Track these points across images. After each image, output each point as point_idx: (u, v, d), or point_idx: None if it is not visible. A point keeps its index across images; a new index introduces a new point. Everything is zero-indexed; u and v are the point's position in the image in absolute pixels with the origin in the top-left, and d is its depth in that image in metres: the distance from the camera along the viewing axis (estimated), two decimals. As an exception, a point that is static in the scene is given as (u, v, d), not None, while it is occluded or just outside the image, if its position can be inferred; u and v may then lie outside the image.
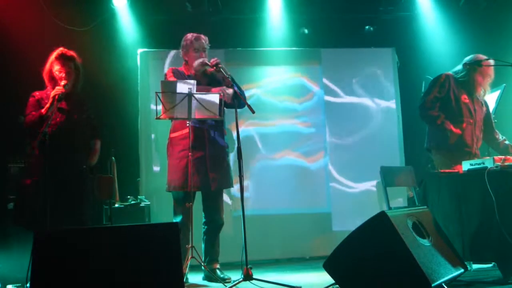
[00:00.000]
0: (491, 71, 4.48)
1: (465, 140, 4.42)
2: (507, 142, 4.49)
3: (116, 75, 5.83)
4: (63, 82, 3.86)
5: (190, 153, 4.06)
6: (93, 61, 5.38)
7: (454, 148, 4.37)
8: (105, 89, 5.58)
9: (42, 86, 4.04)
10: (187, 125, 4.11)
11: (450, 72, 4.54)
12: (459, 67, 4.55)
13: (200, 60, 4.24)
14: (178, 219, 4.19)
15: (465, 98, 4.48)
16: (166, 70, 4.48)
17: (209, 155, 4.19)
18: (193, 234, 4.04)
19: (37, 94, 3.98)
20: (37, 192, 3.79)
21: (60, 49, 4.00)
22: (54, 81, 3.95)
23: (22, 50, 5.12)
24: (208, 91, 4.09)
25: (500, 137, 4.55)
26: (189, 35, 4.37)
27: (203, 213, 4.36)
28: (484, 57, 4.46)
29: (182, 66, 4.43)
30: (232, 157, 4.85)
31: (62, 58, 3.96)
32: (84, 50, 4.84)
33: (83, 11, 5.78)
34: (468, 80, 4.46)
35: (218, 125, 4.29)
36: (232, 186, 4.44)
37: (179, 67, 4.44)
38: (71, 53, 4.01)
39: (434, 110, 4.42)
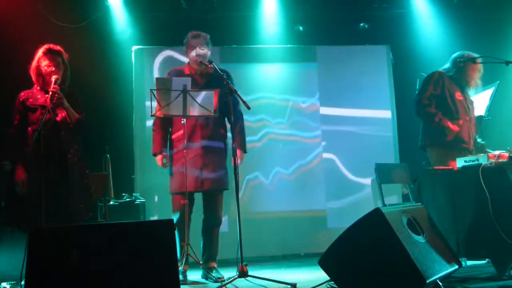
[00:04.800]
0: (481, 66, 4.52)
1: (462, 137, 4.44)
2: (483, 142, 4.55)
3: (111, 72, 5.81)
4: (54, 77, 3.82)
5: (185, 155, 4.08)
6: (87, 58, 5.38)
7: (451, 144, 4.38)
8: (99, 87, 5.56)
9: (33, 84, 4.01)
10: (183, 122, 4.11)
11: (441, 70, 4.57)
12: (448, 65, 4.58)
13: (197, 60, 4.23)
14: (176, 216, 4.20)
15: (459, 95, 4.50)
16: (160, 67, 4.48)
17: (204, 156, 4.19)
18: (190, 231, 4.05)
19: (22, 95, 3.93)
20: (28, 190, 3.79)
21: (47, 45, 3.97)
22: (42, 78, 3.90)
23: (14, 47, 5.09)
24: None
25: (477, 137, 4.60)
26: (190, 33, 4.34)
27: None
28: (473, 54, 4.50)
29: (186, 64, 4.43)
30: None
31: (49, 53, 3.91)
32: (78, 47, 4.84)
33: (77, 8, 5.76)
34: (461, 76, 4.49)
35: (215, 125, 4.28)
36: (227, 188, 4.37)
37: (180, 67, 4.43)
38: (58, 47, 3.97)
39: (431, 107, 4.42)
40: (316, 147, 6.06)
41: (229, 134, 4.21)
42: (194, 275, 4.33)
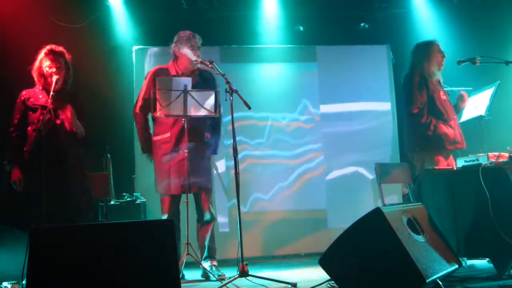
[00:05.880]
0: (436, 49, 4.56)
1: (456, 138, 4.44)
2: None
3: (111, 72, 5.81)
4: (55, 77, 3.84)
5: (172, 157, 4.12)
6: (88, 59, 5.38)
7: (448, 147, 4.39)
8: (100, 87, 5.56)
9: (33, 84, 4.01)
10: (183, 122, 4.12)
11: (416, 71, 4.54)
12: (413, 61, 4.59)
13: (198, 59, 4.26)
14: (164, 218, 4.24)
15: (442, 94, 4.51)
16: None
17: (191, 159, 4.20)
18: (190, 231, 4.06)
19: (24, 93, 3.96)
20: (28, 190, 3.80)
21: (50, 45, 3.98)
22: (44, 78, 3.92)
23: (15, 47, 5.09)
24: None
25: None
26: (186, 32, 4.36)
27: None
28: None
29: (170, 63, 4.43)
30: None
31: (51, 54, 3.93)
32: (78, 48, 4.83)
33: (77, 8, 5.75)
34: (430, 67, 4.49)
35: (201, 128, 4.31)
36: (211, 191, 4.43)
37: (164, 65, 4.44)
38: (60, 48, 4.00)
39: (423, 116, 4.42)
40: (315, 146, 6.06)
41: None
42: (194, 274, 4.34)
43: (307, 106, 6.11)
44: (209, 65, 4.14)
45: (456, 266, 3.19)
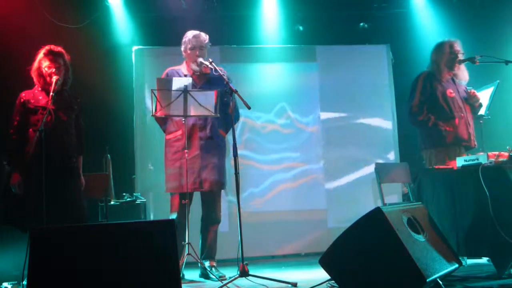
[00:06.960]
0: (447, 49, 4.57)
1: (461, 136, 4.44)
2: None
3: (111, 72, 5.82)
4: (54, 78, 3.83)
5: (183, 155, 4.09)
6: (88, 59, 5.38)
7: (452, 145, 4.39)
8: (100, 87, 5.56)
9: (32, 84, 4.01)
10: (183, 122, 4.12)
11: (427, 70, 4.58)
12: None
13: (197, 60, 4.25)
14: (173, 216, 4.21)
15: (450, 92, 4.51)
16: (160, 67, 4.51)
17: (202, 156, 4.20)
18: (190, 231, 4.05)
19: (23, 95, 3.94)
20: (28, 191, 3.81)
21: (49, 46, 3.98)
22: (43, 79, 3.91)
23: (14, 47, 5.09)
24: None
25: None
26: (189, 32, 4.35)
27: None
28: (449, 40, 4.61)
29: (183, 63, 4.43)
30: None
31: (51, 54, 3.92)
32: (78, 48, 4.83)
33: (76, 8, 5.75)
34: (440, 67, 4.51)
35: (214, 126, 4.29)
36: (224, 188, 4.40)
37: (177, 66, 4.44)
38: (60, 49, 3.99)
39: (422, 114, 4.44)
40: (315, 146, 6.06)
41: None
42: (194, 274, 4.34)
43: (307, 106, 6.12)
44: (209, 65, 4.13)
45: (456, 265, 3.19)
